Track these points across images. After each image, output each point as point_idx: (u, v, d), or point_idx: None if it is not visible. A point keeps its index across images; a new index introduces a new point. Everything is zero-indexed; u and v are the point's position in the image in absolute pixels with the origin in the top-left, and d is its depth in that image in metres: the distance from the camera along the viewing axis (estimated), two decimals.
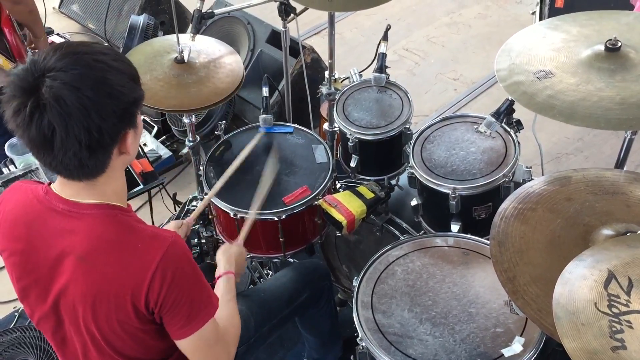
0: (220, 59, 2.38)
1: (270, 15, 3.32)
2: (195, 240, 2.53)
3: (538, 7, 2.97)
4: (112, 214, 1.42)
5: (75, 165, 1.32)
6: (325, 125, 2.63)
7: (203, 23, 2.35)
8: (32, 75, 1.27)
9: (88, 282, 1.40)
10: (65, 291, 1.44)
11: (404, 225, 2.32)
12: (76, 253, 1.39)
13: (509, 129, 2.14)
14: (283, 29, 2.50)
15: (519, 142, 2.10)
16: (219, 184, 2.14)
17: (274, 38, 3.40)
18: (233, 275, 1.77)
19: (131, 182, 2.51)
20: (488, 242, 1.88)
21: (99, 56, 1.32)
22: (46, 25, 3.88)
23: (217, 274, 1.79)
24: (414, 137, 2.21)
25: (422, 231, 2.22)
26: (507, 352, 1.63)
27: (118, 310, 1.41)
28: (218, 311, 1.54)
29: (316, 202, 2.15)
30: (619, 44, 1.64)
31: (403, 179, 2.41)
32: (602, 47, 1.65)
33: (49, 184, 1.47)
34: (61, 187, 1.43)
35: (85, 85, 1.27)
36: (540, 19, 2.93)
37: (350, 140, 2.26)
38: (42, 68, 1.27)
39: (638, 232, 1.43)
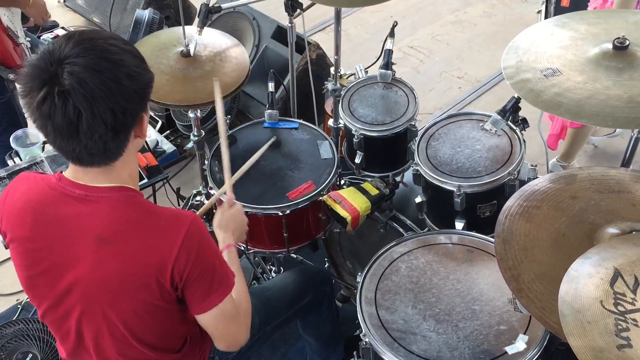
0: (225, 51, 2.37)
1: (275, 11, 3.32)
2: None
3: (543, 6, 2.97)
4: (130, 195, 1.45)
5: (99, 148, 1.34)
6: (330, 122, 2.62)
7: (210, 17, 2.35)
8: (50, 65, 1.28)
9: (111, 265, 1.41)
10: (81, 278, 1.44)
11: (408, 222, 2.32)
12: (97, 235, 1.41)
13: (514, 127, 2.13)
14: (289, 25, 2.50)
15: (524, 140, 2.10)
16: (231, 181, 1.99)
17: (279, 34, 3.40)
18: (234, 247, 1.76)
19: None
20: (492, 239, 1.89)
21: (111, 41, 1.35)
22: (51, 19, 3.89)
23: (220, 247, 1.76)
24: (420, 134, 2.20)
25: (426, 228, 2.22)
26: (510, 349, 1.63)
27: (143, 290, 1.43)
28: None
29: (321, 198, 2.15)
30: (627, 42, 1.63)
31: (408, 175, 2.40)
32: (610, 46, 1.65)
33: (61, 172, 1.48)
34: (75, 174, 1.44)
35: (105, 68, 1.30)
36: (546, 17, 2.93)
37: (356, 137, 2.26)
38: (58, 57, 1.29)
39: None
